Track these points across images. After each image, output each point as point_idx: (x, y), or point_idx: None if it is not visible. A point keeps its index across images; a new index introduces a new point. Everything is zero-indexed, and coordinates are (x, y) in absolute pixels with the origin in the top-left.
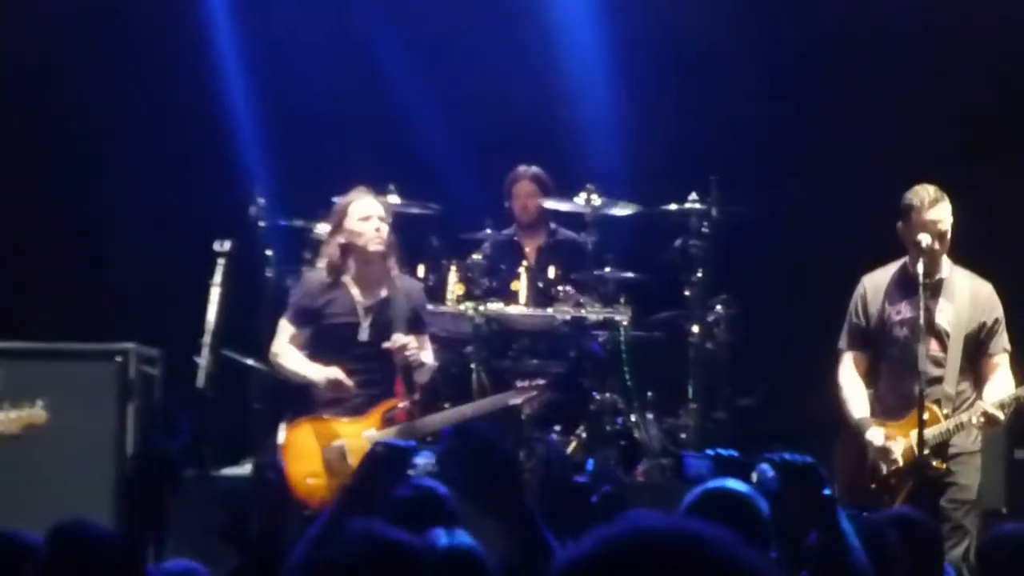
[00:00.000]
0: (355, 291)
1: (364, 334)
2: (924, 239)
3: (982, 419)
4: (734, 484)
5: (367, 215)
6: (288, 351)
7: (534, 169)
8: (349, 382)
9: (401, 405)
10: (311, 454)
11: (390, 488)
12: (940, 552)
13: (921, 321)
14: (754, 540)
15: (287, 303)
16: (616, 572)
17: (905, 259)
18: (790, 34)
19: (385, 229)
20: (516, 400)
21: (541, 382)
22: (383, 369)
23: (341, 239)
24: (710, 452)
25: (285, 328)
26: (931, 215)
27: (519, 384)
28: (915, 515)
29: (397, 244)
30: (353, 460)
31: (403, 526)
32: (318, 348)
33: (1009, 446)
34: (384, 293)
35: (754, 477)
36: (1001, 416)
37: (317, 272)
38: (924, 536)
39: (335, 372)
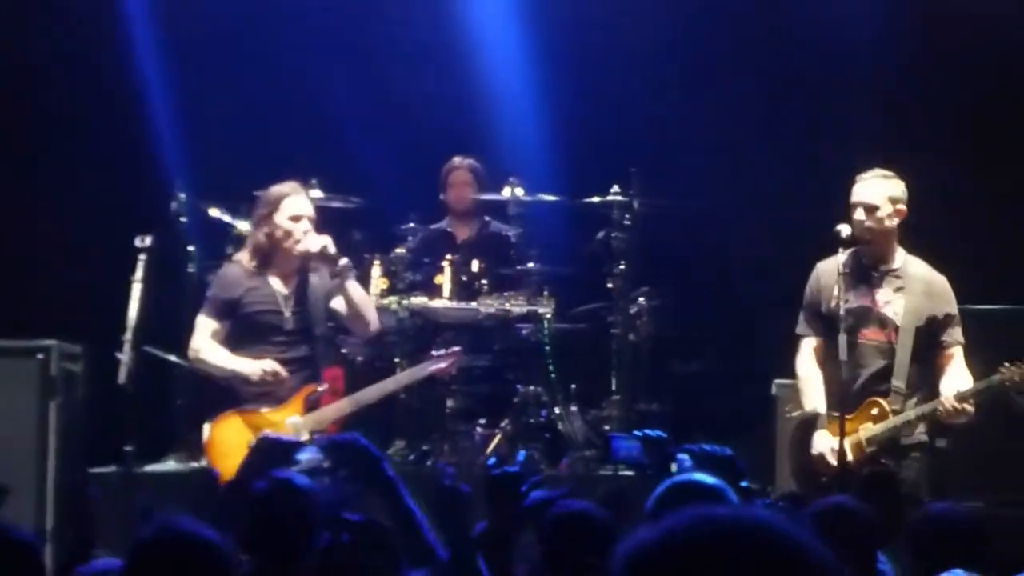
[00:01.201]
0: (275, 281)
1: (288, 324)
2: (843, 229)
3: (948, 410)
4: (702, 476)
5: (298, 215)
6: (210, 346)
7: (470, 160)
8: (284, 372)
9: (321, 389)
10: (238, 447)
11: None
12: (874, 543)
13: (841, 311)
14: None
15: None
16: (682, 560)
17: (856, 248)
18: (710, 25)
19: (313, 230)
20: (435, 367)
21: (456, 348)
22: (305, 356)
23: (267, 230)
24: (638, 433)
25: (204, 323)
26: (856, 189)
27: (435, 353)
28: (850, 504)
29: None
30: None
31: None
32: (239, 340)
33: (930, 436)
34: (298, 281)
35: (674, 467)
36: (969, 408)
37: (234, 264)
38: (858, 526)
39: (270, 364)
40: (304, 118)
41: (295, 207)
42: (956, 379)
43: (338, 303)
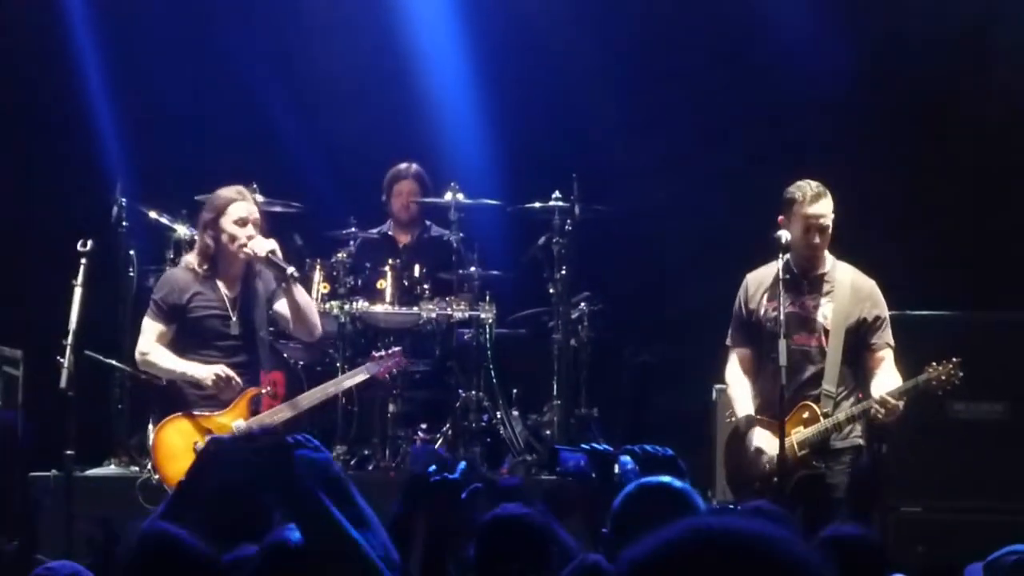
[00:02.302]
0: (221, 285)
1: (234, 328)
2: (784, 235)
3: (880, 408)
4: (668, 479)
5: (244, 219)
6: (158, 349)
7: (415, 167)
8: (238, 379)
9: (264, 391)
10: (183, 452)
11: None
12: None
13: (781, 316)
14: None
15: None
16: (679, 572)
17: (785, 255)
18: (647, 30)
19: (258, 234)
20: (375, 370)
21: (396, 349)
22: (250, 360)
23: (213, 235)
24: (585, 446)
25: (151, 327)
26: (812, 209)
27: (375, 354)
28: (769, 508)
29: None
30: None
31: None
32: (185, 343)
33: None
34: (243, 286)
35: (616, 469)
36: (899, 406)
37: (180, 268)
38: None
39: (224, 369)
40: (244, 123)
41: (241, 211)
42: (885, 380)
43: (281, 307)
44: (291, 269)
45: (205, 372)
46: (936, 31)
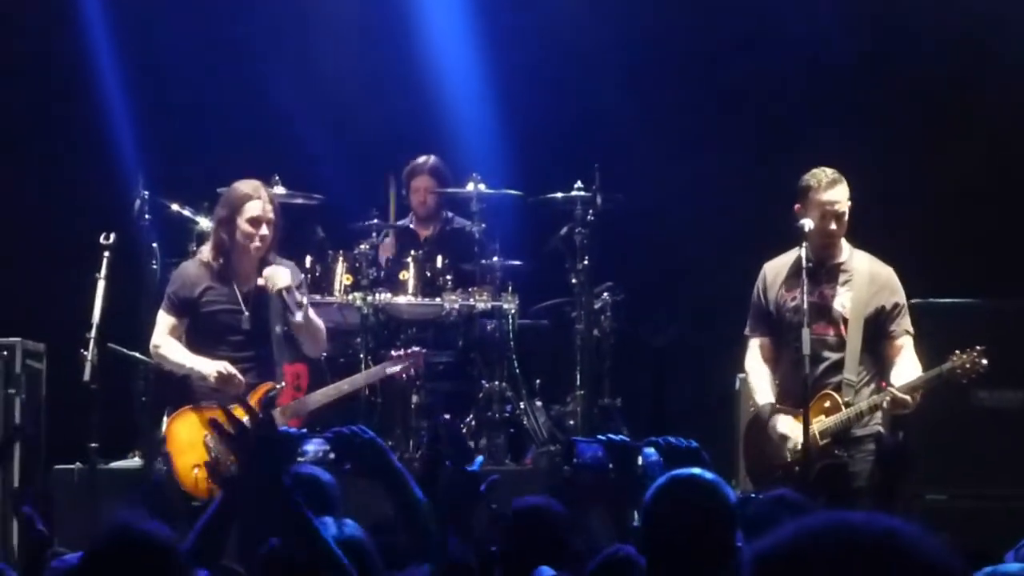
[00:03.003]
0: (234, 279)
1: (246, 323)
2: (807, 223)
3: (892, 403)
4: (699, 471)
5: (258, 220)
6: (170, 342)
7: (432, 161)
8: (240, 376)
9: (278, 387)
10: (194, 444)
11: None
12: None
13: (804, 305)
14: (722, 525)
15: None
16: (818, 564)
17: (805, 243)
18: (667, 19)
19: (271, 234)
20: (393, 369)
21: (416, 349)
22: (262, 356)
23: (227, 231)
24: (601, 437)
25: (164, 320)
26: (827, 196)
27: (394, 353)
28: (794, 497)
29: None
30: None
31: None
32: (197, 338)
33: (887, 427)
34: (259, 281)
35: (639, 461)
36: (910, 400)
37: (193, 262)
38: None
39: (225, 366)
40: (266, 115)
41: (255, 210)
42: (906, 368)
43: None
44: (299, 316)
45: (209, 368)
46: (945, 18)
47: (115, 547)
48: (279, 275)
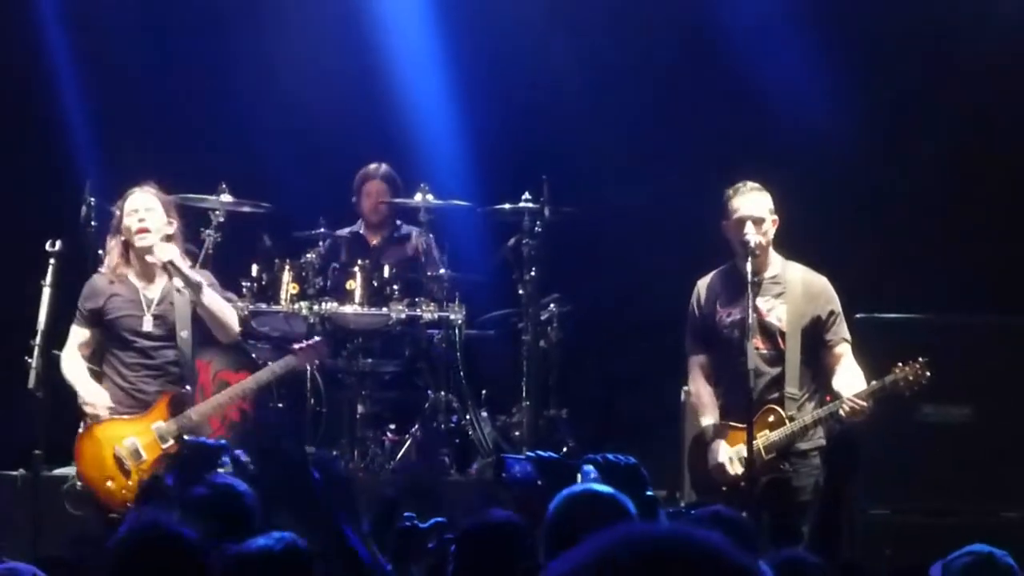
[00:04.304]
0: (139, 284)
1: (147, 324)
2: (752, 238)
3: (850, 411)
4: (598, 486)
5: (133, 209)
6: (71, 358)
7: (384, 168)
8: (104, 413)
9: (183, 391)
10: (104, 457)
11: (193, 484)
12: (751, 549)
13: (750, 319)
14: None
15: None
16: None
17: (734, 260)
18: (618, 30)
19: (152, 221)
20: (295, 362)
21: (318, 339)
22: (171, 361)
23: (120, 237)
24: (530, 453)
25: (74, 332)
26: (741, 203)
27: (296, 346)
28: (727, 513)
29: (180, 234)
30: (148, 455)
31: (202, 523)
32: (109, 345)
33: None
34: (165, 284)
35: (578, 478)
36: (867, 405)
37: (98, 274)
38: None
39: (94, 400)
40: (215, 122)
41: (134, 203)
42: (848, 376)
43: (200, 310)
44: (196, 278)
45: (86, 395)
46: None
47: (142, 542)
48: (164, 249)
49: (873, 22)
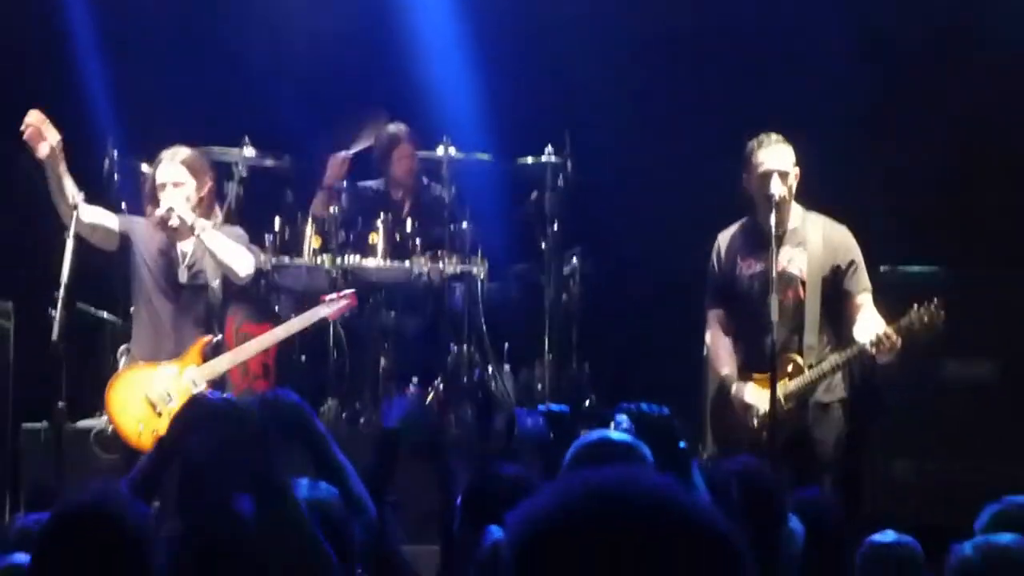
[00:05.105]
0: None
1: (183, 276)
2: (777, 191)
3: (878, 345)
4: (616, 434)
5: (160, 184)
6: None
7: (407, 129)
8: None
9: (216, 339)
10: (136, 401)
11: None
12: (779, 502)
13: (774, 273)
14: None
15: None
16: (574, 526)
17: (754, 213)
18: None
19: (175, 197)
20: (325, 312)
21: (349, 291)
22: (203, 308)
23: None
24: (542, 408)
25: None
26: (764, 155)
27: (327, 297)
28: (754, 465)
29: (211, 194)
30: (179, 399)
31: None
32: (143, 293)
33: (850, 391)
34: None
35: (611, 427)
36: (893, 338)
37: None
38: (761, 486)
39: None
40: (238, 74)
41: (159, 175)
42: (869, 324)
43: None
44: (192, 220)
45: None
46: None
47: (81, 514)
48: (167, 198)
49: None
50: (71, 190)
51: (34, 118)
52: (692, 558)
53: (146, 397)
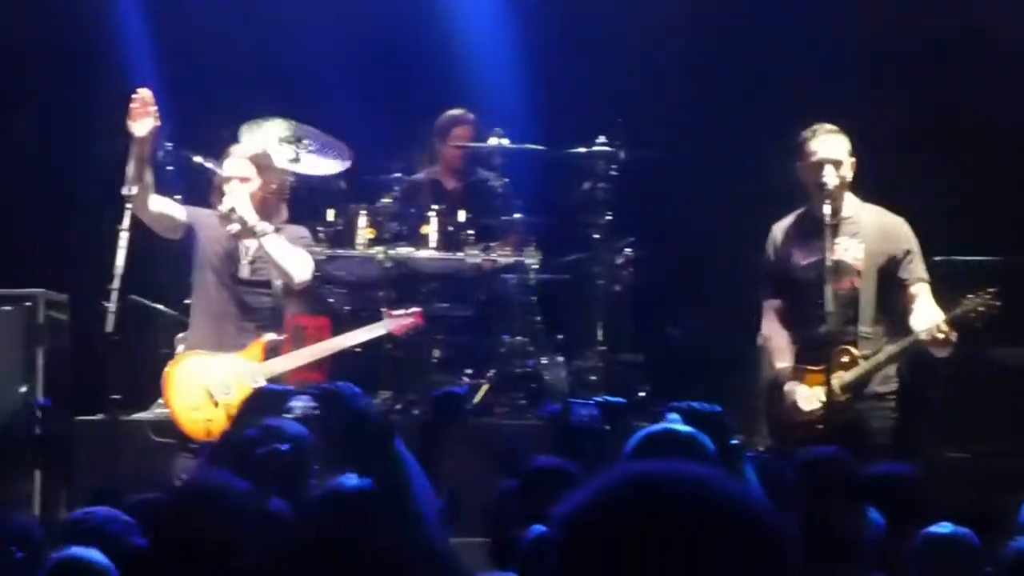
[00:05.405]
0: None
1: (245, 272)
2: (830, 180)
3: (933, 339)
4: (677, 425)
5: (228, 178)
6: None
7: (469, 114)
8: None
9: (280, 338)
10: (194, 388)
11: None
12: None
13: (828, 262)
14: None
15: (193, 249)
16: (620, 517)
17: (810, 203)
18: None
19: (238, 196)
20: (389, 327)
21: (414, 309)
22: (267, 307)
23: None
24: (597, 399)
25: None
26: (816, 144)
27: (393, 312)
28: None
29: (280, 186)
30: (237, 392)
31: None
32: (205, 288)
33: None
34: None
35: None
36: (948, 332)
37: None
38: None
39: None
40: (291, 67)
41: (226, 170)
42: (925, 314)
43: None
44: (255, 223)
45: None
46: None
47: (190, 497)
48: (230, 196)
49: None
50: (148, 178)
51: (145, 95)
52: (738, 548)
53: (205, 386)
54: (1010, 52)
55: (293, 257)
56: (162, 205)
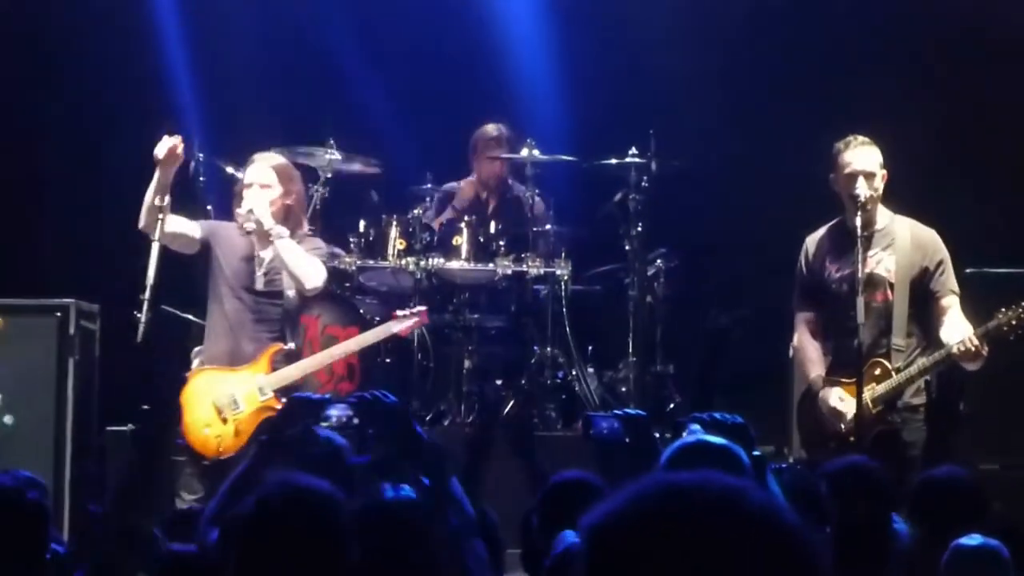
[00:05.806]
0: (257, 243)
1: (259, 283)
2: (863, 192)
3: (965, 352)
4: (712, 437)
5: (247, 184)
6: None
7: (504, 129)
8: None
9: (287, 348)
10: (204, 404)
11: (303, 439)
12: (889, 502)
13: (860, 274)
14: None
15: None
16: (649, 527)
17: (843, 215)
18: None
19: (258, 199)
20: (397, 329)
21: (421, 308)
22: (277, 317)
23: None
24: (618, 412)
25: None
26: (850, 156)
27: (399, 313)
28: (866, 464)
29: (300, 199)
30: (246, 406)
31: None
32: (217, 298)
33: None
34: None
35: (685, 436)
36: (978, 345)
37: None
38: (873, 486)
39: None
40: (321, 77)
41: (248, 176)
42: (955, 327)
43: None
44: (271, 226)
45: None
46: None
47: (282, 500)
48: (249, 199)
49: None
50: (165, 202)
51: (176, 141)
52: (768, 559)
53: (213, 402)
54: None
55: (305, 263)
56: (176, 225)
